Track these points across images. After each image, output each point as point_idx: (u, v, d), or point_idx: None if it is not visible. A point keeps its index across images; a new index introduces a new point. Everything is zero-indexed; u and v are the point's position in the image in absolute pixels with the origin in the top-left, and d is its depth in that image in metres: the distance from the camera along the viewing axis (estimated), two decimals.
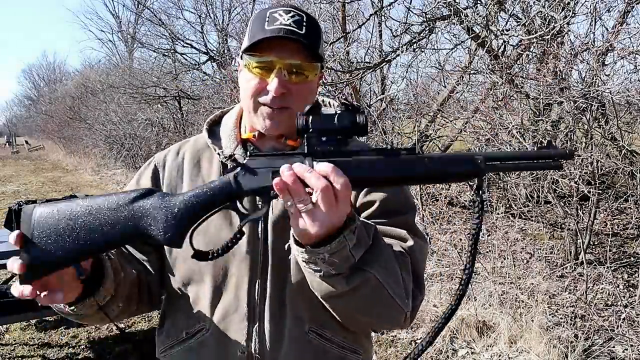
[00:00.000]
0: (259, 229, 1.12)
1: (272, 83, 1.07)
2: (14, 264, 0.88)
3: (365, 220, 1.00)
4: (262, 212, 0.91)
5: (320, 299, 1.02)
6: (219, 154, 1.18)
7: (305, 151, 0.90)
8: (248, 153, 0.95)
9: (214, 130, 1.25)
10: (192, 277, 1.15)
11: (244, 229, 0.92)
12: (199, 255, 0.91)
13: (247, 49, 1.09)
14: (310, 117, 0.90)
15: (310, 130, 0.90)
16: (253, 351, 1.09)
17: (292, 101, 1.09)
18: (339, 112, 0.90)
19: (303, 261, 0.94)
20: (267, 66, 1.07)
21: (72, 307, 1.01)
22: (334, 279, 0.94)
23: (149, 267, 1.19)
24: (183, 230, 0.89)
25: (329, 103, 1.29)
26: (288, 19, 1.06)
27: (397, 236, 1.11)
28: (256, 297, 1.11)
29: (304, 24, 1.08)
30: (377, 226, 1.05)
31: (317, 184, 0.84)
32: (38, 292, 0.89)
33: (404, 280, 1.04)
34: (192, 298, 1.16)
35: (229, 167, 1.09)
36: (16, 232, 0.89)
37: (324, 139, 0.90)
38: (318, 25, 1.12)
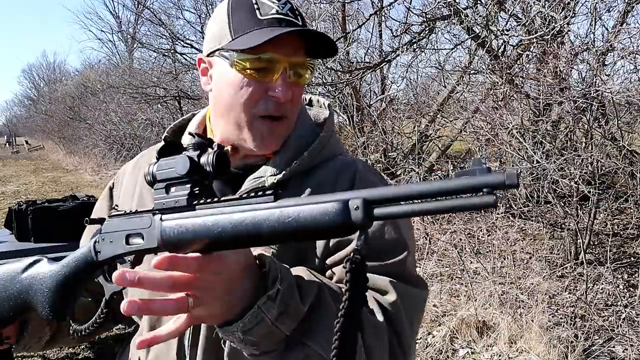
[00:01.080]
0: None
1: (279, 87, 0.86)
2: None
3: (304, 277, 0.78)
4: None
5: None
6: None
7: (153, 207, 0.73)
8: (108, 214, 0.80)
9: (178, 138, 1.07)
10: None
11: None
12: (75, 332, 0.86)
13: (239, 45, 0.86)
14: (156, 165, 0.74)
15: (158, 181, 0.74)
16: None
17: (290, 109, 0.92)
18: (186, 152, 0.73)
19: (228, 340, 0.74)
20: (268, 66, 0.87)
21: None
22: (264, 358, 0.74)
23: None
24: (59, 304, 0.81)
25: (323, 104, 1.09)
26: (282, 7, 0.87)
27: (375, 287, 0.86)
28: (186, 345, 0.91)
29: (297, 12, 0.89)
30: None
31: (159, 284, 0.62)
32: None
33: (370, 351, 0.78)
34: (134, 333, 1.07)
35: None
36: None
37: (173, 189, 0.72)
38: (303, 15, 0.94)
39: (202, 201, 0.68)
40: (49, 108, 27.95)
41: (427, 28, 5.50)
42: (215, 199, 0.67)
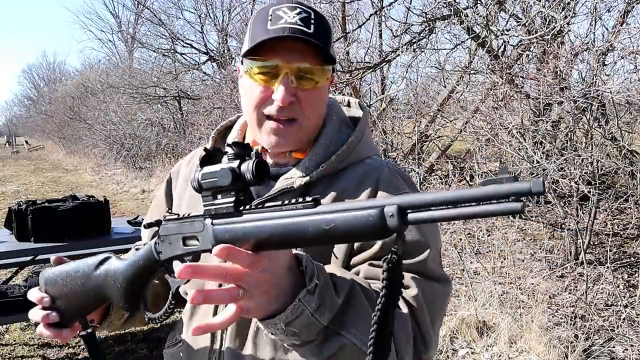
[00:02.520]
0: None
1: (279, 91, 0.94)
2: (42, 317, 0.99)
3: (337, 274, 0.85)
4: (188, 280, 0.83)
5: None
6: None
7: (202, 213, 0.81)
8: (163, 217, 0.87)
9: (225, 139, 1.16)
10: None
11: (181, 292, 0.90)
12: (149, 320, 0.93)
13: (247, 53, 0.96)
14: (200, 174, 0.81)
15: (204, 189, 0.80)
16: None
17: (300, 111, 0.98)
18: (225, 163, 0.79)
19: (269, 332, 0.81)
20: (272, 71, 0.95)
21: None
22: (303, 349, 0.81)
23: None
24: (132, 296, 0.91)
25: (354, 103, 1.17)
26: (294, 17, 0.94)
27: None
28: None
29: (312, 21, 0.95)
30: (372, 274, 0.92)
31: (216, 274, 0.70)
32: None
33: (398, 342, 0.86)
34: (180, 312, 1.16)
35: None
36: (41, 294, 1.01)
37: (219, 196, 0.79)
38: (328, 23, 0.99)
39: (247, 207, 0.75)
40: (48, 108, 27.97)
41: (427, 28, 5.50)
42: (260, 205, 0.74)
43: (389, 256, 0.64)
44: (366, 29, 7.08)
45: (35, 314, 0.99)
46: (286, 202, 0.71)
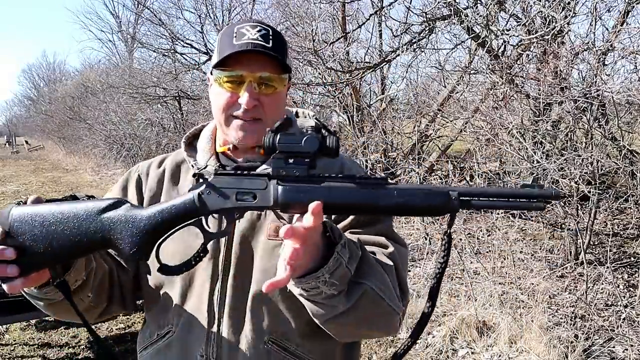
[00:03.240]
0: (223, 239, 1.14)
1: (244, 96, 1.09)
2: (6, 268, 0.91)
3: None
4: (227, 232, 0.92)
5: (321, 324, 1.02)
6: (192, 165, 1.21)
7: (271, 173, 0.89)
8: (214, 170, 0.93)
9: (193, 144, 1.28)
10: (165, 280, 1.18)
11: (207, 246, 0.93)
12: (165, 270, 0.93)
13: (217, 64, 1.11)
14: (278, 137, 0.88)
15: (277, 151, 0.88)
16: (211, 355, 1.11)
17: (263, 113, 1.12)
18: (308, 132, 0.88)
19: (305, 291, 0.93)
20: (238, 80, 1.10)
21: (44, 290, 1.01)
22: (335, 299, 0.94)
23: (124, 265, 1.22)
24: (147, 245, 0.90)
25: (308, 115, 1.29)
26: (255, 34, 1.10)
27: (377, 243, 1.12)
28: (215, 302, 1.12)
29: (270, 37, 1.11)
30: (357, 236, 1.07)
31: (298, 237, 0.83)
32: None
33: (394, 286, 1.06)
34: (164, 300, 1.18)
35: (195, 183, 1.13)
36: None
37: (290, 160, 0.88)
38: (283, 38, 1.16)
39: (321, 175, 0.87)
40: (48, 108, 27.95)
41: (427, 28, 5.50)
42: (334, 175, 0.87)
43: (448, 230, 0.88)
44: (366, 29, 7.10)
45: None
46: (359, 175, 0.87)
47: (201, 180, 0.91)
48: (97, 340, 1.31)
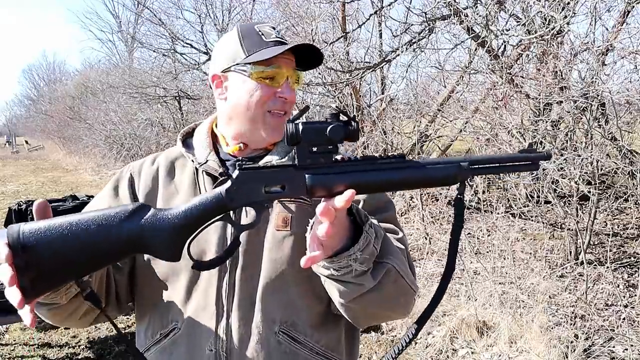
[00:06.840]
0: (229, 229, 1.14)
1: (285, 89, 1.15)
2: (13, 295, 0.87)
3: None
4: (256, 223, 0.93)
5: (344, 306, 1.04)
6: (192, 160, 1.22)
7: (297, 163, 0.91)
8: (238, 165, 0.93)
9: (187, 142, 1.29)
10: (168, 277, 1.16)
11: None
12: (199, 265, 0.93)
13: (255, 62, 1.13)
14: (301, 127, 0.89)
15: (302, 141, 0.90)
16: (221, 349, 1.11)
17: (290, 107, 1.19)
18: (329, 120, 0.91)
19: (336, 270, 0.95)
20: (276, 75, 1.14)
21: (51, 296, 0.98)
22: (362, 277, 0.97)
23: (120, 266, 1.19)
24: (181, 245, 0.91)
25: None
26: (278, 33, 1.17)
27: (388, 229, 1.15)
28: (224, 296, 1.12)
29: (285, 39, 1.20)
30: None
31: (329, 216, 0.87)
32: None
33: (409, 267, 1.11)
34: (167, 298, 1.17)
35: (219, 180, 1.15)
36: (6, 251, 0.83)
37: (314, 149, 0.90)
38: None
39: (345, 159, 0.92)
40: (49, 108, 27.95)
41: (427, 28, 5.49)
42: (356, 157, 0.92)
43: (459, 197, 0.95)
44: (366, 29, 7.10)
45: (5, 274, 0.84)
46: (380, 155, 0.93)
47: (226, 177, 0.94)
48: (120, 334, 1.30)
